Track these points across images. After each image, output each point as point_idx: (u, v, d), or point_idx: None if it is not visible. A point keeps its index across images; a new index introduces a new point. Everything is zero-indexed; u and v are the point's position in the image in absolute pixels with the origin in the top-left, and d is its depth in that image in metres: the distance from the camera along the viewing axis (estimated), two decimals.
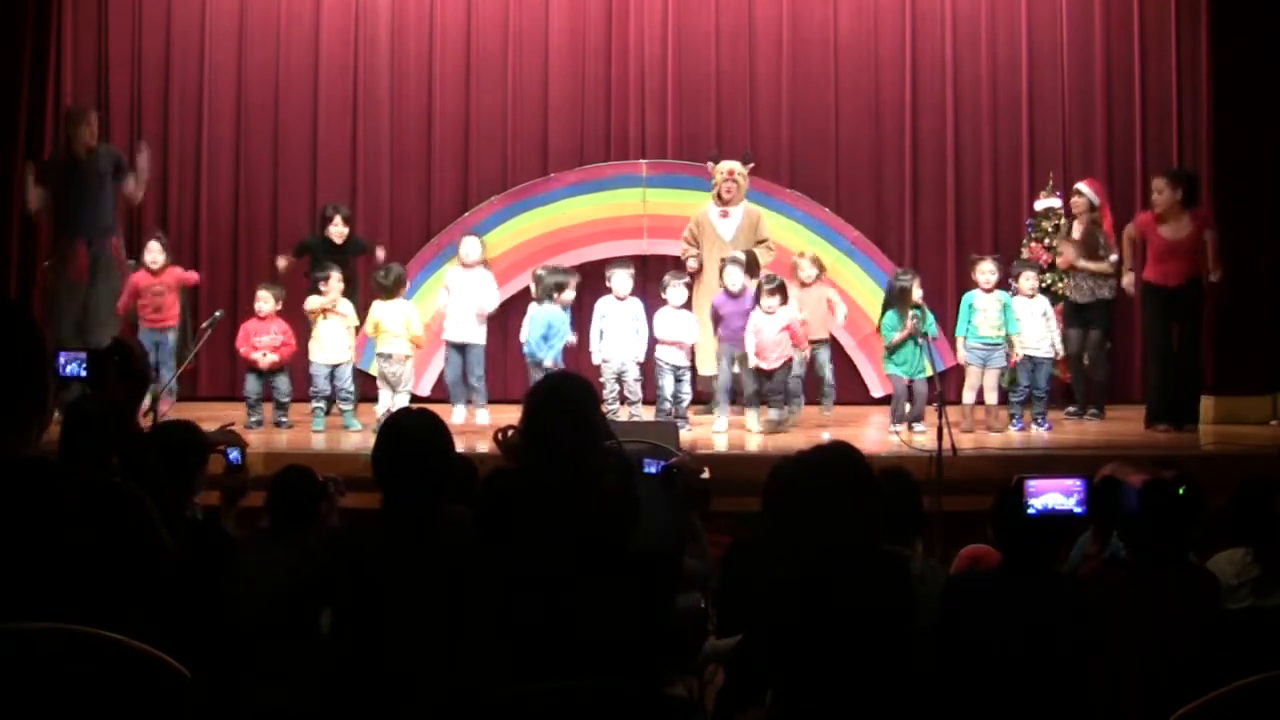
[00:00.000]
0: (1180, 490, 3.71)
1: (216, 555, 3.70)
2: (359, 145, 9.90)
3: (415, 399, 8.28)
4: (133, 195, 8.49)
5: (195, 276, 8.73)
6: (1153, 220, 8.35)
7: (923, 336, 7.95)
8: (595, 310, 8.37)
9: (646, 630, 3.33)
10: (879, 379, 9.21)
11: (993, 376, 8.20)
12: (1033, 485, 3.50)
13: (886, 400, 8.70)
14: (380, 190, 9.87)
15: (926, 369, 8.03)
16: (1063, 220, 8.90)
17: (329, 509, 4.31)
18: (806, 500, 3.23)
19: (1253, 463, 6.91)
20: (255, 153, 9.90)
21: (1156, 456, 5.99)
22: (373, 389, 8.74)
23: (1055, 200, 9.06)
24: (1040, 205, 9.15)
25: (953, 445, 6.62)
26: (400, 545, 3.25)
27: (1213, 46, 8.67)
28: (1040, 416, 8.27)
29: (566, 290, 8.31)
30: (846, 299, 9.07)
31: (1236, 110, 8.47)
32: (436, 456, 3.37)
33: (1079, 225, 8.70)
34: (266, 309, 8.31)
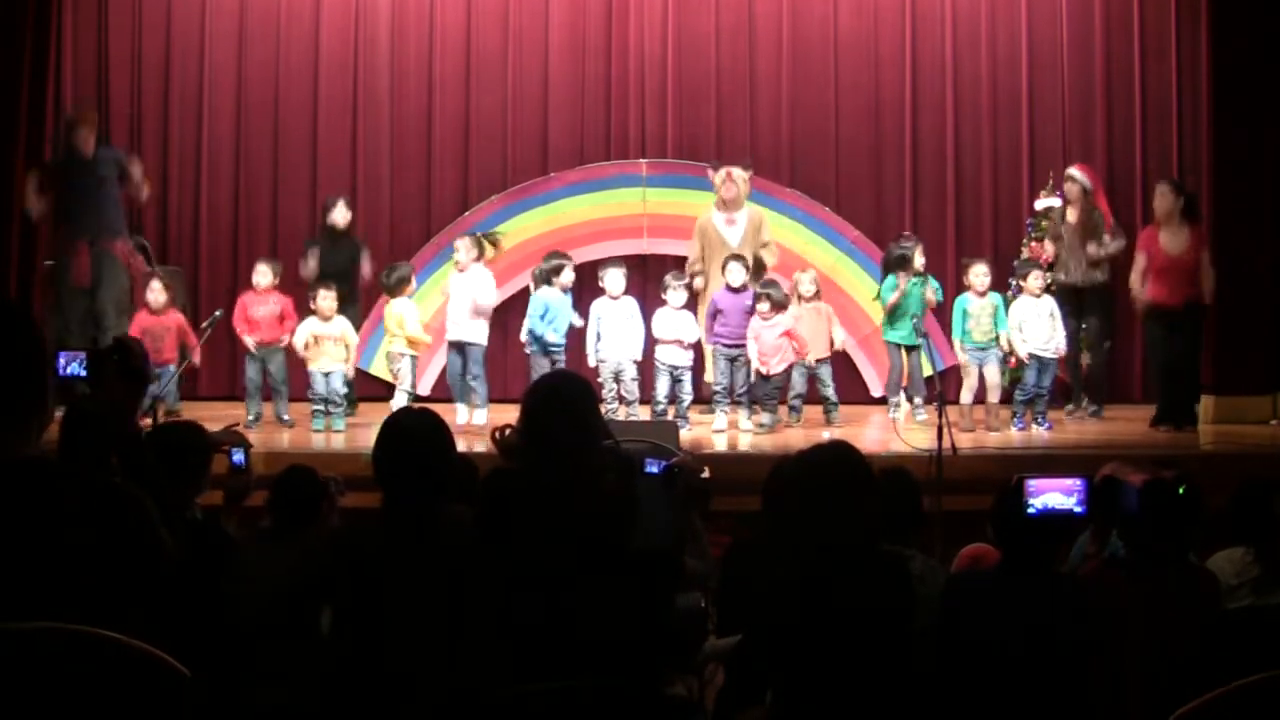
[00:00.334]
0: (1180, 490, 3.71)
1: (217, 555, 3.71)
2: (359, 145, 9.90)
3: (418, 398, 8.29)
4: (135, 197, 8.50)
5: (195, 342, 8.31)
6: (1154, 234, 8.39)
7: (922, 337, 7.96)
8: (591, 311, 8.36)
9: (646, 630, 3.32)
10: (879, 379, 9.22)
11: (993, 374, 8.20)
12: (1033, 485, 3.50)
13: (886, 400, 8.71)
14: (380, 190, 9.87)
15: (925, 363, 8.05)
16: (1058, 205, 8.90)
17: (329, 509, 4.31)
18: (806, 500, 3.23)
19: (1252, 463, 6.91)
20: (255, 152, 9.90)
21: (1156, 456, 5.98)
22: (374, 389, 8.77)
23: (1055, 200, 9.06)
24: (1040, 205, 9.16)
25: (953, 445, 6.61)
26: (400, 545, 3.25)
27: (1213, 46, 8.67)
28: (1040, 416, 8.27)
29: (564, 272, 8.31)
30: (846, 298, 9.07)
31: (1236, 110, 8.47)
32: (437, 456, 3.37)
33: (1073, 211, 8.71)
34: (265, 282, 8.34)
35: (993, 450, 7.49)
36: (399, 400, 8.06)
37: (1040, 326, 8.25)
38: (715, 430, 8.15)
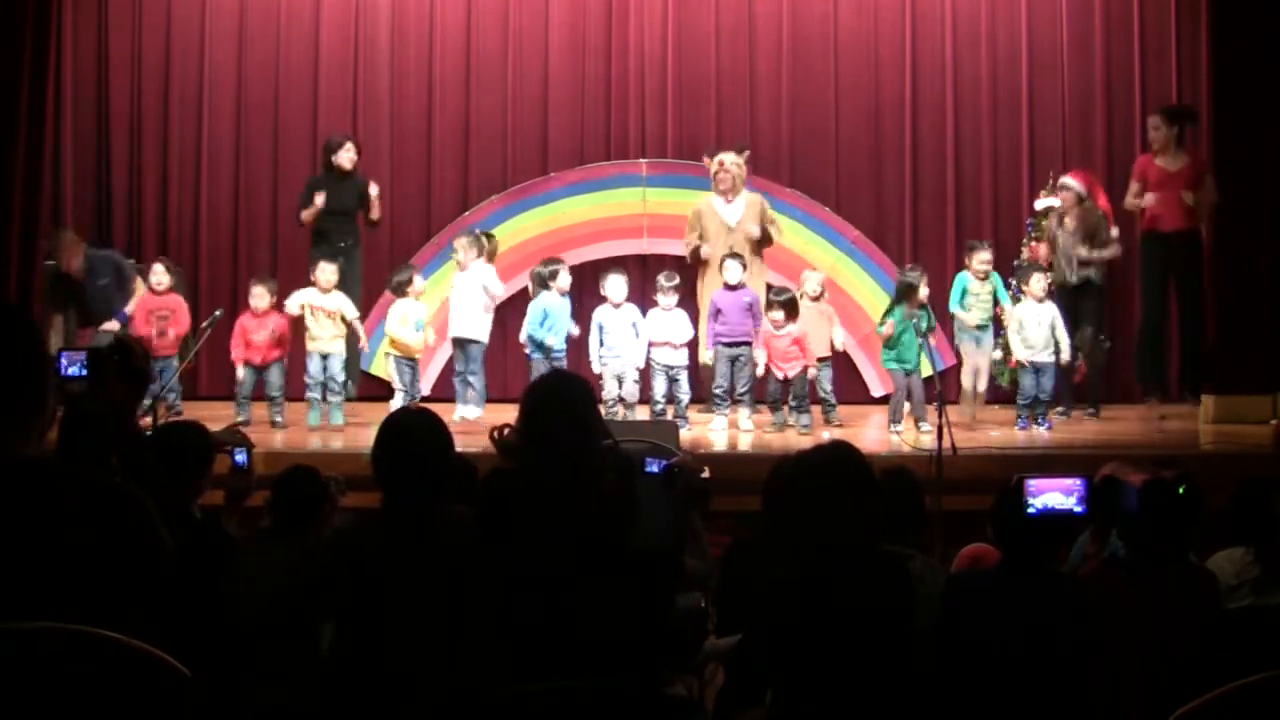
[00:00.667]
0: (1180, 490, 3.71)
1: (217, 555, 3.70)
2: (359, 145, 9.87)
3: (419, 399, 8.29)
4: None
5: (191, 323, 8.52)
6: (1149, 158, 8.47)
7: (923, 336, 7.96)
8: (593, 319, 8.36)
9: (646, 630, 3.32)
10: (879, 379, 9.22)
11: (985, 358, 8.24)
12: (1033, 485, 3.50)
13: (886, 400, 8.71)
14: (380, 190, 9.85)
15: (925, 368, 8.05)
16: (1058, 205, 8.90)
17: (330, 509, 4.31)
18: (806, 500, 3.23)
19: (1252, 462, 6.91)
20: (255, 152, 9.90)
21: (1156, 456, 5.98)
22: (375, 390, 8.77)
23: (1055, 200, 9.05)
24: (1040, 205, 9.14)
25: (953, 445, 6.61)
26: (400, 545, 3.25)
27: (1213, 46, 8.67)
28: (1041, 416, 8.28)
29: (560, 276, 8.31)
30: (846, 298, 9.06)
31: (1236, 110, 8.46)
32: (436, 455, 3.37)
33: (1071, 218, 8.71)
34: (263, 305, 8.32)
35: (993, 450, 7.49)
36: (398, 401, 8.05)
37: (1040, 333, 8.25)
38: (714, 430, 8.16)
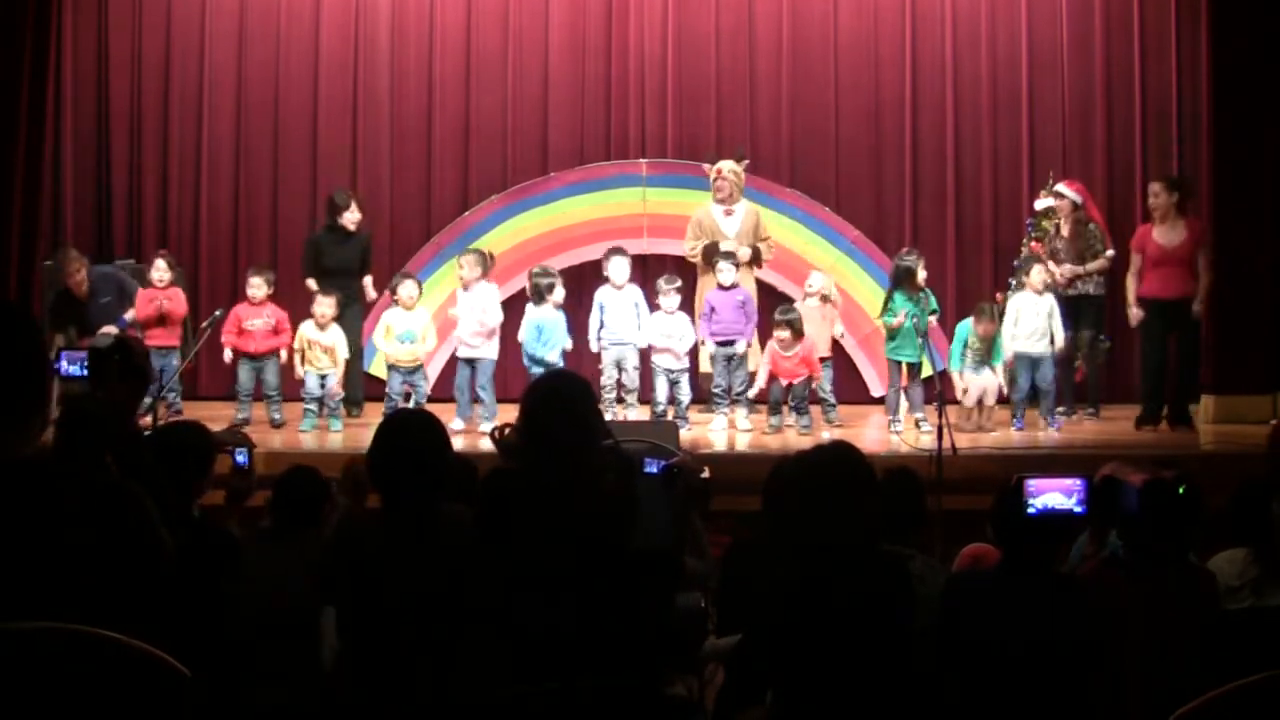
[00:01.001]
0: (1180, 490, 3.71)
1: (217, 555, 3.71)
2: (359, 145, 9.89)
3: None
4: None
5: (186, 310, 8.60)
6: (1148, 230, 8.39)
7: (922, 336, 7.96)
8: (595, 299, 8.40)
9: (646, 630, 3.32)
10: (879, 379, 9.21)
11: (991, 380, 8.19)
12: (1033, 485, 3.50)
13: (884, 403, 8.70)
14: (380, 190, 9.86)
15: (925, 368, 8.05)
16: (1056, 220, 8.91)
17: (330, 509, 4.31)
18: (806, 500, 3.23)
19: (1252, 462, 6.91)
20: (255, 152, 9.90)
21: (1156, 456, 5.98)
22: (375, 390, 8.76)
23: (1054, 201, 9.05)
24: (1040, 205, 9.14)
25: (953, 445, 6.61)
26: (400, 545, 3.25)
27: (1213, 46, 8.67)
28: (1049, 411, 8.27)
29: (555, 290, 8.32)
30: (846, 298, 9.06)
31: (1236, 110, 8.47)
32: (433, 454, 3.37)
33: (1066, 225, 8.71)
34: (260, 295, 8.35)
35: (993, 450, 7.49)
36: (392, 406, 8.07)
37: (1037, 323, 8.24)
38: (714, 430, 8.17)
